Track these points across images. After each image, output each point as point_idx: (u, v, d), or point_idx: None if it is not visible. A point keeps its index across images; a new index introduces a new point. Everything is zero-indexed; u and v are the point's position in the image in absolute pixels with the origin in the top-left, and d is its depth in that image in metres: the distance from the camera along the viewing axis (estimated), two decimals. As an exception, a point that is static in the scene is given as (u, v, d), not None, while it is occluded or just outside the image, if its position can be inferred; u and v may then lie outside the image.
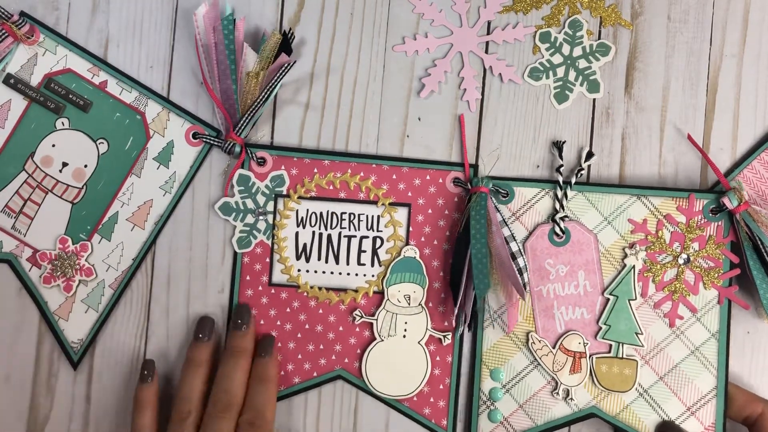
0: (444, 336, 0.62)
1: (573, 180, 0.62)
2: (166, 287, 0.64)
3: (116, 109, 0.64)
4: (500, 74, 0.64)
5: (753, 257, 0.60)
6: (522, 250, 0.62)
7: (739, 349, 0.63)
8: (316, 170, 0.63)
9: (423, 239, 0.63)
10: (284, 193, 0.63)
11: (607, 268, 0.62)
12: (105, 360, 0.64)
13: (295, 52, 0.64)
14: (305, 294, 0.63)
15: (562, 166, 0.63)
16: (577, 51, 0.64)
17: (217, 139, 0.63)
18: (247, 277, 0.63)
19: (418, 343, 0.62)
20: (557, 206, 0.62)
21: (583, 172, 0.63)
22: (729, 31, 0.64)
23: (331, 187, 0.63)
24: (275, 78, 0.61)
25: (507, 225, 0.62)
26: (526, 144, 0.64)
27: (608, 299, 0.62)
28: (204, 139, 0.63)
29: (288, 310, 0.63)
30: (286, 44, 0.62)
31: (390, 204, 0.63)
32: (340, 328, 0.63)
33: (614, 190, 0.63)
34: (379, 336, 0.63)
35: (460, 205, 0.63)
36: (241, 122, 0.62)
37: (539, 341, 0.62)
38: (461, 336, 0.63)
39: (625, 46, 0.64)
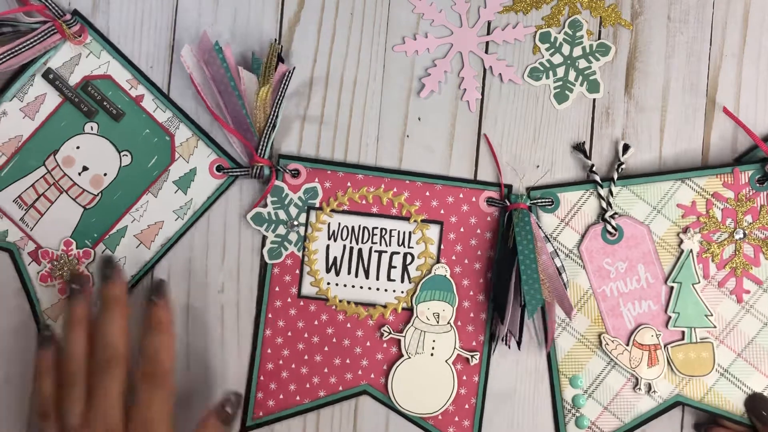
0: (472, 356, 0.62)
1: (615, 176, 0.62)
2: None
3: (147, 125, 0.63)
4: (500, 74, 0.64)
5: None
6: (564, 266, 0.62)
7: None
8: (349, 184, 0.63)
9: (454, 257, 0.63)
10: (317, 205, 0.63)
11: (665, 256, 0.62)
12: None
13: (296, 53, 0.64)
14: (334, 307, 0.63)
15: (593, 165, 0.62)
16: (577, 51, 0.64)
17: (242, 169, 0.62)
18: (276, 288, 0.63)
19: (446, 361, 0.62)
20: (604, 205, 0.62)
21: (623, 166, 0.62)
22: (729, 31, 0.65)
23: (363, 202, 0.63)
24: (281, 89, 0.61)
25: (550, 241, 0.62)
26: (526, 144, 0.64)
27: (672, 287, 0.62)
28: (229, 173, 0.63)
29: (316, 322, 0.63)
30: (279, 57, 0.62)
31: (422, 221, 0.63)
32: (368, 343, 0.63)
33: (658, 178, 0.62)
34: (407, 353, 0.62)
35: (492, 224, 0.63)
36: (261, 143, 0.61)
37: (612, 341, 0.62)
38: (488, 356, 0.62)
39: (625, 46, 0.64)
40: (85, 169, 0.63)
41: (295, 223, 0.63)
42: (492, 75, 0.64)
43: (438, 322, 0.62)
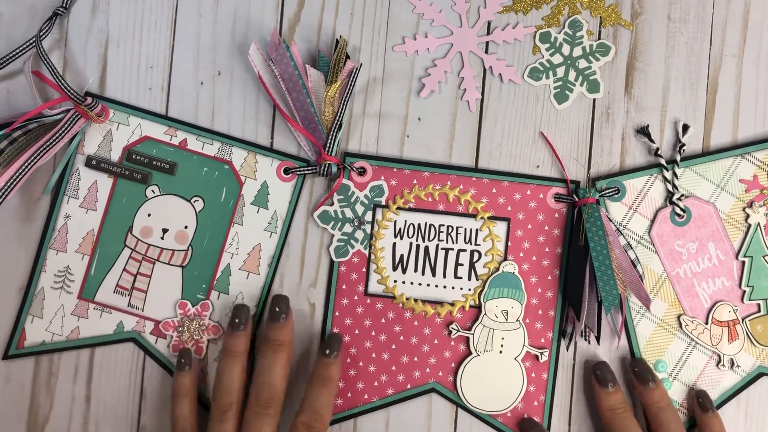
0: (541, 353, 0.62)
1: (678, 158, 0.62)
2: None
3: (202, 164, 0.63)
4: (500, 74, 0.64)
5: None
6: (639, 258, 0.62)
7: None
8: (415, 181, 0.63)
9: (522, 254, 0.63)
10: (383, 203, 0.63)
11: (733, 232, 0.63)
12: (104, 360, 0.64)
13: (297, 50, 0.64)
14: (401, 305, 0.63)
15: (659, 148, 0.62)
16: (577, 51, 0.64)
17: (310, 167, 0.62)
18: (343, 286, 0.63)
19: (515, 359, 0.62)
20: (670, 188, 0.62)
21: (685, 147, 0.62)
22: (729, 31, 0.65)
23: (429, 199, 0.63)
24: (349, 86, 0.61)
25: (622, 234, 0.62)
26: (526, 144, 0.64)
27: (743, 262, 0.63)
28: (297, 172, 0.62)
29: (383, 320, 0.63)
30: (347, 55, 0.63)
31: (489, 218, 0.63)
32: (435, 341, 0.63)
33: (718, 156, 0.63)
34: (476, 351, 0.62)
35: (560, 220, 0.63)
36: (329, 140, 0.61)
37: (691, 321, 0.63)
38: (557, 353, 0.63)
39: (625, 46, 0.64)
40: (165, 231, 0.63)
41: (363, 220, 0.62)
42: (492, 75, 0.64)
43: (507, 320, 0.62)
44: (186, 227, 0.63)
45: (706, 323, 0.62)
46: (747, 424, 0.63)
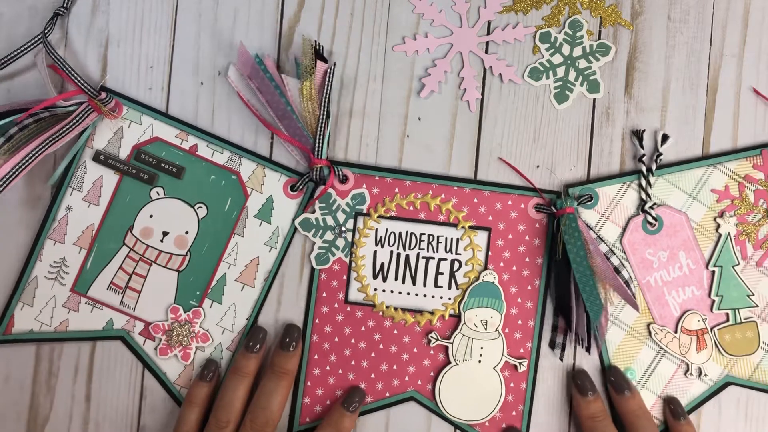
0: (520, 363, 0.62)
1: (654, 166, 0.62)
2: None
3: (210, 171, 0.63)
4: (500, 74, 0.64)
5: None
6: (623, 263, 0.62)
7: None
8: (397, 190, 0.63)
9: (502, 264, 0.63)
10: (364, 211, 0.63)
11: (704, 241, 0.63)
12: (105, 360, 0.64)
13: (297, 50, 0.64)
14: (381, 313, 0.63)
15: (644, 155, 0.62)
16: (577, 51, 0.64)
17: (306, 176, 0.62)
18: (324, 294, 0.63)
19: (494, 368, 0.62)
20: (643, 196, 0.63)
21: (662, 157, 0.62)
22: (729, 31, 0.64)
23: (411, 208, 0.63)
24: (326, 87, 0.61)
25: (603, 241, 0.62)
26: (526, 144, 0.64)
27: (713, 271, 0.63)
28: (299, 186, 0.62)
29: (363, 328, 0.63)
30: (319, 55, 0.62)
31: (470, 227, 0.63)
32: (415, 350, 0.63)
33: (691, 165, 0.63)
34: (455, 360, 0.62)
35: (541, 231, 0.63)
36: (317, 145, 0.61)
37: (661, 330, 0.63)
38: (536, 363, 0.63)
39: (625, 46, 0.64)
40: (165, 234, 0.63)
41: (344, 228, 0.62)
42: (492, 75, 0.64)
43: (486, 329, 0.62)
44: (187, 232, 0.63)
45: (676, 332, 0.63)
46: (714, 432, 0.63)
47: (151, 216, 0.63)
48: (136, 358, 0.63)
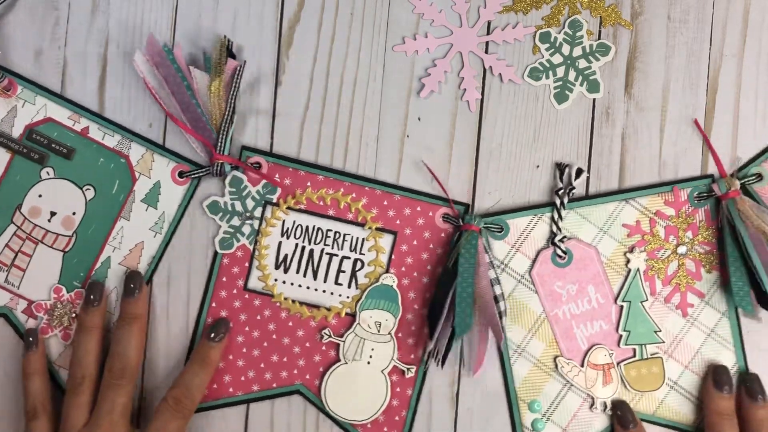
0: (408, 368, 0.62)
1: (566, 200, 0.62)
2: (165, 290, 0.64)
3: (100, 154, 0.63)
4: (500, 74, 0.64)
5: (732, 245, 0.61)
6: (504, 294, 0.62)
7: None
8: (309, 183, 0.63)
9: (404, 269, 0.63)
10: (274, 201, 0.63)
11: (614, 276, 0.63)
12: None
13: (296, 53, 0.64)
14: (278, 304, 0.63)
15: (561, 189, 0.63)
16: (577, 51, 0.64)
17: (203, 169, 0.62)
18: (224, 279, 0.63)
19: (382, 371, 0.62)
20: (554, 229, 0.63)
21: (574, 191, 0.63)
22: (729, 31, 0.64)
23: (321, 203, 0.63)
24: (234, 84, 0.61)
25: (494, 267, 0.62)
26: (526, 144, 0.64)
27: (622, 306, 0.63)
28: (191, 176, 0.63)
29: (258, 317, 0.63)
30: (230, 53, 0.63)
31: (377, 229, 0.63)
32: (307, 344, 0.63)
33: (602, 200, 0.63)
34: (344, 358, 0.62)
35: (446, 241, 0.63)
36: (219, 140, 0.61)
37: (567, 363, 0.63)
38: (425, 372, 0.63)
39: (625, 46, 0.64)
40: (53, 214, 0.63)
41: (248, 215, 0.63)
42: (492, 75, 0.64)
43: (379, 332, 0.62)
44: (74, 213, 0.63)
45: (582, 366, 0.63)
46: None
47: (40, 196, 0.63)
48: (18, 336, 0.63)
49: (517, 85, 0.64)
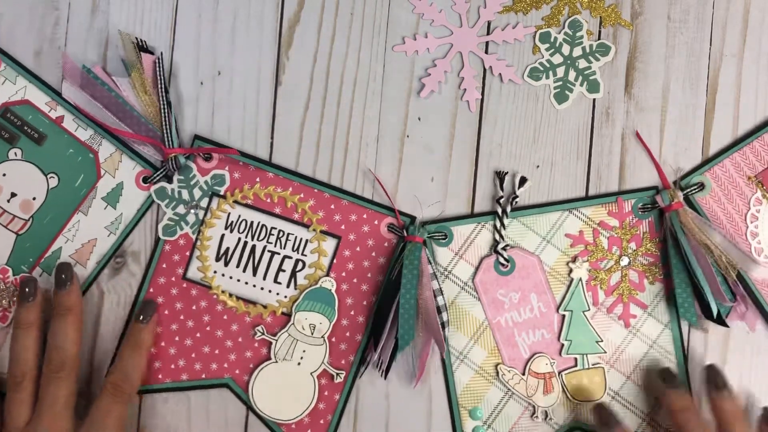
0: (338, 373, 0.62)
1: (509, 208, 0.63)
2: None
3: (70, 145, 0.64)
4: (500, 74, 0.64)
5: (675, 257, 0.61)
6: (447, 305, 0.62)
7: (739, 350, 0.63)
8: (258, 180, 0.63)
9: (344, 274, 0.63)
10: (221, 193, 0.63)
11: (556, 285, 0.63)
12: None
13: (296, 53, 0.64)
14: (215, 296, 0.63)
15: (502, 197, 0.63)
16: (577, 51, 0.64)
17: (162, 170, 0.62)
18: (164, 265, 0.63)
19: (311, 373, 0.62)
20: (497, 237, 0.63)
21: (517, 199, 0.63)
22: (729, 31, 0.65)
23: (268, 200, 0.63)
24: (159, 78, 0.62)
25: (437, 278, 0.62)
26: (526, 144, 0.64)
27: (564, 315, 0.63)
28: (153, 179, 0.63)
29: (194, 307, 0.63)
30: (143, 48, 0.63)
31: (321, 231, 0.63)
32: (239, 339, 0.63)
33: (546, 209, 0.63)
34: (275, 357, 0.63)
35: (389, 250, 0.63)
36: (165, 135, 0.61)
37: (509, 371, 0.63)
38: (353, 379, 0.63)
39: (625, 46, 0.64)
40: (13, 195, 0.63)
41: (194, 204, 0.63)
42: (492, 75, 0.64)
43: (312, 334, 0.62)
44: (34, 198, 0.63)
45: (524, 374, 0.63)
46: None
47: (3, 174, 0.63)
48: None
49: (517, 85, 0.64)
